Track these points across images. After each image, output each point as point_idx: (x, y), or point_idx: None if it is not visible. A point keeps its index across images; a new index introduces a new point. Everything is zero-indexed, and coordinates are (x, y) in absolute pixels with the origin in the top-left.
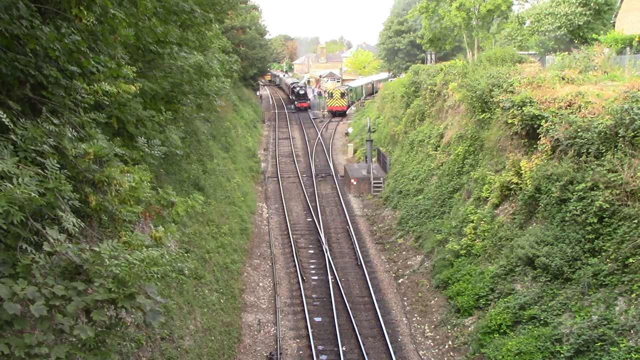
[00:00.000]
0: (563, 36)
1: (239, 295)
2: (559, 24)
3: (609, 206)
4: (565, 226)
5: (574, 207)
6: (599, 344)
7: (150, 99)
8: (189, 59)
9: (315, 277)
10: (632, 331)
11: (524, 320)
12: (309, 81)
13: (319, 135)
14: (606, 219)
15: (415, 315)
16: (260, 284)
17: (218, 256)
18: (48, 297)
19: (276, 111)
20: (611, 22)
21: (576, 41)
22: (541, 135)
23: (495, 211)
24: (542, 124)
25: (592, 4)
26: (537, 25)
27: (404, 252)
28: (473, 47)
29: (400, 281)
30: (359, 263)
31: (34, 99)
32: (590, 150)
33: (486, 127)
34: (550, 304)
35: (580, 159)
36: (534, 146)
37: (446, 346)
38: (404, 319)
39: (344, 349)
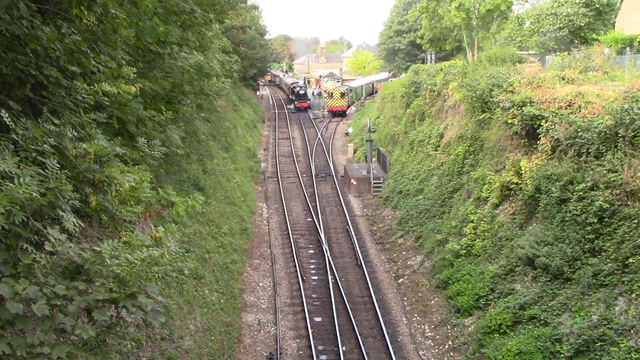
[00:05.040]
0: (563, 36)
1: (239, 295)
2: (561, 25)
3: (609, 206)
4: (565, 226)
5: (574, 207)
6: (599, 344)
7: (151, 99)
8: (189, 59)
9: (315, 277)
10: (632, 331)
11: (524, 320)
12: (308, 81)
13: (319, 135)
14: (606, 219)
15: (415, 315)
16: (260, 284)
17: (218, 256)
18: (49, 297)
19: (276, 111)
20: (611, 22)
21: (576, 41)
22: (541, 135)
23: (495, 211)
24: (542, 124)
25: (594, 5)
26: (537, 25)
27: (404, 252)
28: (473, 47)
29: (400, 281)
30: (359, 263)
31: (35, 99)
32: (590, 150)
33: (486, 127)
34: (550, 304)
35: (580, 159)
36: (534, 146)
37: (446, 346)
38: (404, 319)
39: (344, 349)
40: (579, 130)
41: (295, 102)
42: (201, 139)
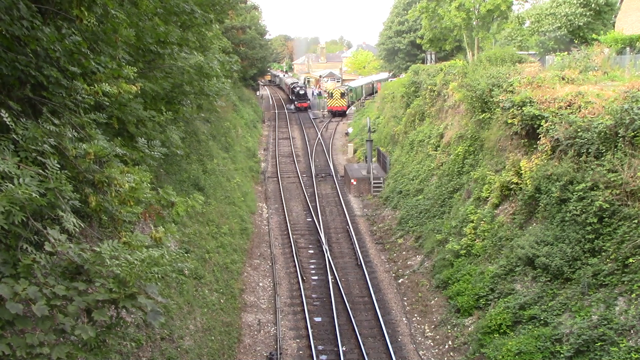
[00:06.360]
0: (563, 36)
1: (239, 295)
2: (559, 25)
3: (609, 206)
4: (565, 226)
5: (574, 207)
6: (599, 344)
7: (151, 100)
8: (189, 60)
9: (315, 277)
10: (632, 331)
11: (524, 320)
12: (308, 81)
13: (319, 135)
14: (606, 219)
15: (415, 315)
16: (260, 284)
17: (218, 256)
18: (49, 297)
19: (276, 111)
20: (611, 22)
21: (576, 41)
22: (541, 135)
23: (495, 211)
24: (542, 124)
25: (592, 5)
26: (537, 25)
27: (404, 252)
28: (473, 47)
29: (400, 281)
30: (359, 263)
31: (35, 99)
32: (590, 150)
33: (486, 127)
34: (550, 304)
35: (580, 159)
36: (534, 146)
37: (446, 346)
38: (404, 319)
39: (344, 349)
40: (579, 130)
41: (295, 102)
42: (201, 139)
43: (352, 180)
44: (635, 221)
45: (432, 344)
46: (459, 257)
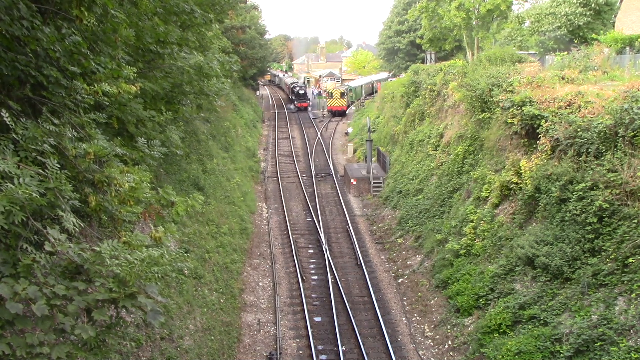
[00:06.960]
0: (563, 36)
1: (239, 295)
2: (560, 24)
3: (609, 206)
4: (565, 226)
5: (574, 207)
6: (599, 344)
7: (151, 100)
8: (189, 60)
9: (315, 277)
10: (632, 331)
11: (524, 320)
12: (308, 81)
13: (319, 135)
14: (606, 219)
15: (415, 315)
16: (260, 284)
17: (218, 256)
18: (49, 297)
19: (276, 111)
20: (611, 22)
21: (576, 41)
22: (541, 135)
23: (495, 211)
24: (542, 124)
25: (592, 5)
26: (537, 25)
27: (404, 252)
28: (473, 47)
29: (400, 281)
30: (359, 263)
31: (35, 99)
32: (590, 150)
33: (486, 127)
34: (550, 304)
35: (580, 159)
36: (534, 146)
37: (446, 346)
38: (404, 319)
39: (344, 349)
40: (579, 130)
41: (296, 102)
42: (201, 139)
43: (352, 180)
44: (635, 221)
45: (432, 344)
46: (459, 257)
